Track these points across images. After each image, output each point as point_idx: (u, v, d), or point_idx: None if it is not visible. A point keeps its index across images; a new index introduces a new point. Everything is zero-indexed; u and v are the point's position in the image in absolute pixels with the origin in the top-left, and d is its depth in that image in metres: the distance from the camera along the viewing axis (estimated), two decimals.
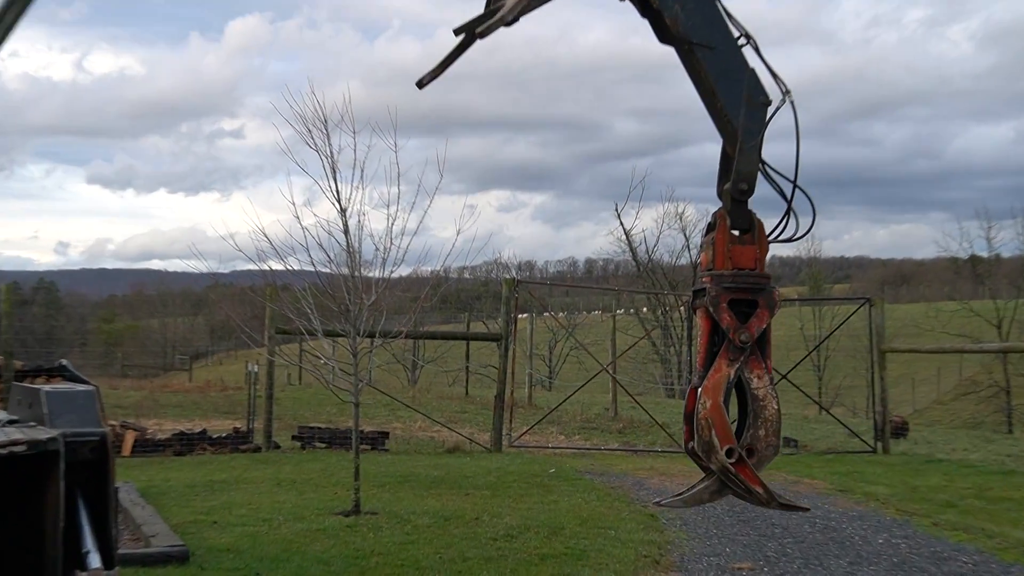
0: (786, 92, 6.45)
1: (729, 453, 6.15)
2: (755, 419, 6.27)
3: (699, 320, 6.45)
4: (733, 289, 6.25)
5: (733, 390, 6.30)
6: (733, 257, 6.31)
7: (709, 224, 6.53)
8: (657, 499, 6.90)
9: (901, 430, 22.41)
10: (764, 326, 6.24)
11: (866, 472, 15.82)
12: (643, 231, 53.60)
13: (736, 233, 6.39)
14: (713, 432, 6.13)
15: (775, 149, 6.51)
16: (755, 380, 6.26)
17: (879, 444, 19.36)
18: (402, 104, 11.64)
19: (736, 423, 6.35)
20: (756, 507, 12.21)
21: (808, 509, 6.98)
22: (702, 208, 53.57)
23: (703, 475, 6.51)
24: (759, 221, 6.40)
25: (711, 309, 6.22)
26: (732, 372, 6.21)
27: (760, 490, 6.24)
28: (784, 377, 19.91)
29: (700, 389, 6.20)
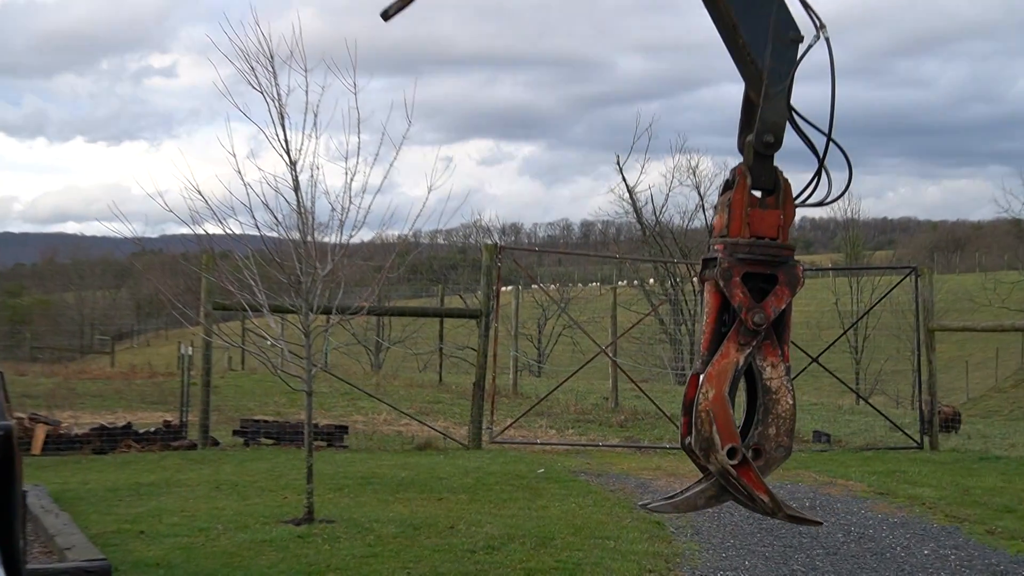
0: (820, 27, 6.45)
1: (731, 453, 6.17)
2: (765, 414, 6.30)
3: (707, 295, 6.44)
4: (749, 261, 6.24)
5: (742, 380, 6.32)
6: (752, 223, 6.30)
7: (726, 182, 6.52)
8: (644, 501, 6.87)
9: (952, 422, 22.53)
10: (783, 306, 6.25)
11: (910, 471, 15.93)
12: (650, 188, 53.69)
13: (757, 194, 6.38)
14: (714, 427, 6.15)
15: (806, 91, 6.51)
16: (768, 369, 6.28)
17: (926, 439, 19.48)
18: (364, 37, 11.59)
19: (744, 418, 6.38)
20: None
21: (821, 523, 7.01)
22: (720, 161, 53.51)
23: (702, 476, 6.52)
24: (785, 181, 6.39)
25: (721, 283, 6.21)
26: (742, 358, 6.22)
27: (765, 497, 6.27)
28: (815, 360, 20.01)
29: (703, 376, 6.21)
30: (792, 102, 6.44)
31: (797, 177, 6.48)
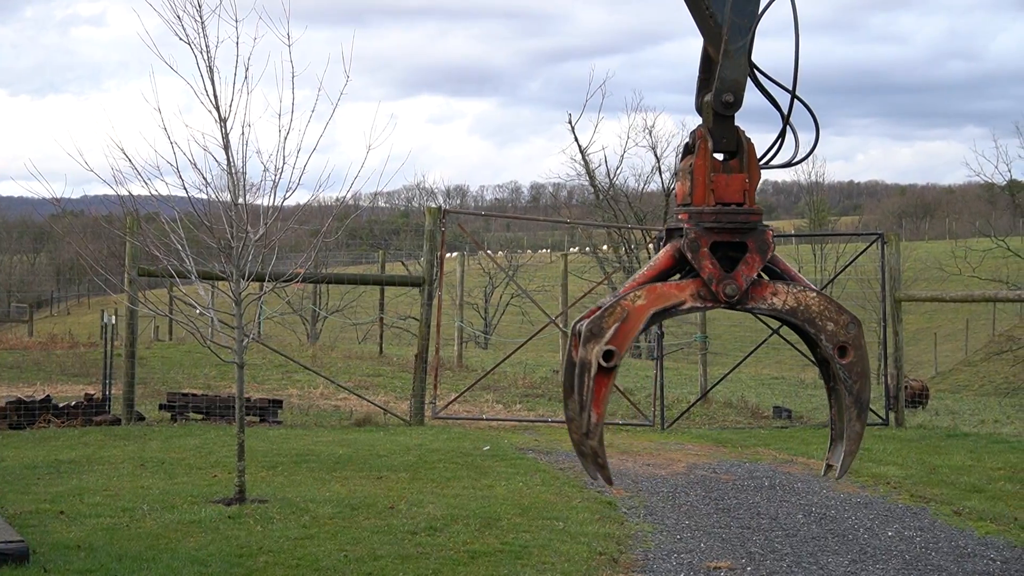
0: None
1: (608, 355, 6.25)
2: (812, 322, 6.33)
3: (660, 253, 6.49)
4: (716, 230, 6.28)
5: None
6: (716, 189, 6.34)
7: (686, 146, 6.54)
8: (825, 473, 6.82)
9: (919, 398, 22.76)
10: (755, 275, 6.29)
11: (874, 449, 16.05)
12: (603, 149, 53.66)
13: (720, 157, 6.41)
14: (616, 325, 6.21)
15: (771, 48, 6.53)
16: (775, 299, 6.34)
17: (891, 415, 19.64)
18: None
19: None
20: (737, 494, 12.40)
21: (611, 483, 7.01)
22: (683, 120, 53.63)
23: (830, 416, 6.60)
24: (749, 141, 6.42)
25: (689, 255, 6.25)
26: (688, 304, 6.31)
27: (594, 416, 6.39)
28: (775, 332, 20.11)
29: (646, 285, 6.29)
30: (755, 59, 6.47)
31: (763, 138, 6.51)
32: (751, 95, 6.46)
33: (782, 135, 6.61)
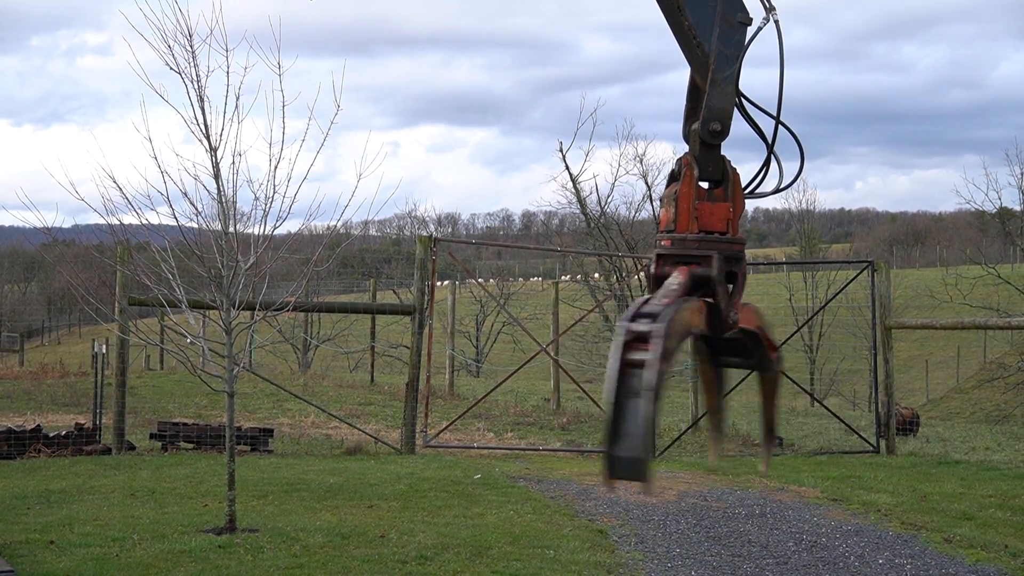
0: (770, 9, 6.53)
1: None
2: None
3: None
4: (668, 257, 6.36)
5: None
6: (700, 216, 6.37)
7: (672, 173, 6.57)
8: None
9: (910, 425, 22.75)
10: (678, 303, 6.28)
11: (866, 477, 16.07)
12: (594, 177, 53.61)
13: (705, 186, 6.44)
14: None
15: (760, 77, 6.55)
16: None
17: (882, 442, 19.64)
18: (314, 16, 11.63)
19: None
20: (728, 523, 12.42)
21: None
22: (675, 147, 53.74)
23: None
24: (734, 171, 6.46)
25: (647, 283, 6.36)
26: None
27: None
28: None
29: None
30: (749, 88, 6.52)
31: (750, 167, 6.55)
32: (739, 123, 6.50)
33: (767, 163, 6.65)
